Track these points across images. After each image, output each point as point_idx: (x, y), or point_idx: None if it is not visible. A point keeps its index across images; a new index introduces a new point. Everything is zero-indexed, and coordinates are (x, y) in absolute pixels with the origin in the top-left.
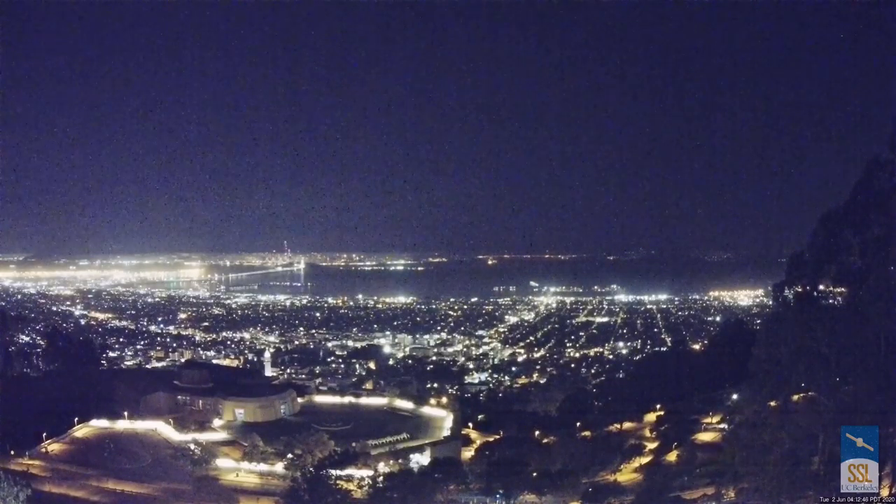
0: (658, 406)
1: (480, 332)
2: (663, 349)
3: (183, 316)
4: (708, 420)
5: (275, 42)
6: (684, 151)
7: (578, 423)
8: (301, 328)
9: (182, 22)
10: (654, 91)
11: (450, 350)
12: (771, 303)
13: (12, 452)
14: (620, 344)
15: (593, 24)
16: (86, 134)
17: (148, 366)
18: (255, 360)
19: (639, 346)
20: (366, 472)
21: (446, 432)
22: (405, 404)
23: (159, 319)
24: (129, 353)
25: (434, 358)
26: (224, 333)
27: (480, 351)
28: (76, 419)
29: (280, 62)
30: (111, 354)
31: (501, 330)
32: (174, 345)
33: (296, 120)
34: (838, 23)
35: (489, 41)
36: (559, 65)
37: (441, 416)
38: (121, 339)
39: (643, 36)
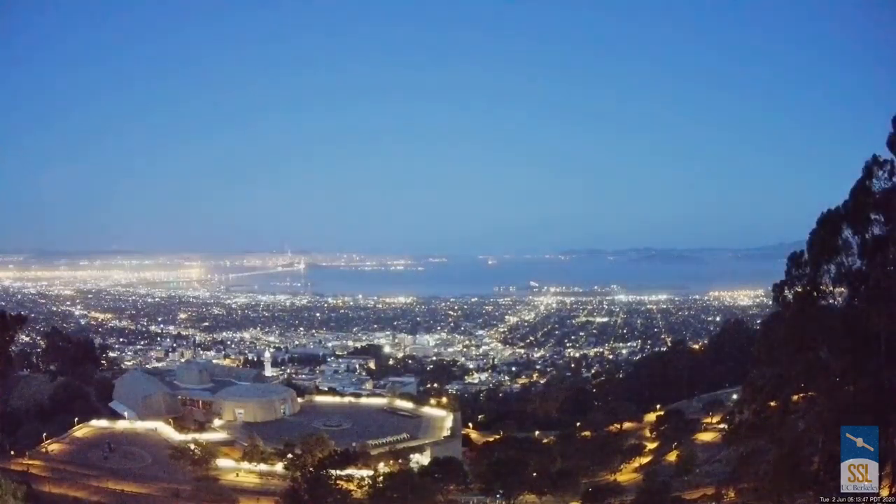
0: (658, 406)
1: (480, 332)
2: (663, 349)
3: (183, 316)
4: (708, 420)
5: (277, 42)
6: (685, 152)
7: (578, 423)
8: (301, 328)
9: (184, 22)
10: (653, 91)
11: (450, 350)
12: (771, 303)
13: (12, 452)
14: (620, 344)
15: (593, 22)
16: (86, 134)
17: (148, 366)
18: (255, 360)
19: (639, 346)
20: (366, 472)
21: (446, 432)
22: (405, 404)
23: (159, 319)
24: (129, 353)
25: (434, 358)
26: (224, 333)
27: (480, 351)
28: (76, 419)
29: (282, 62)
30: (111, 354)
31: (501, 330)
32: (174, 345)
33: (296, 120)
34: (838, 23)
35: (489, 37)
36: (558, 63)
37: (441, 416)
38: (121, 339)
39: (642, 37)
